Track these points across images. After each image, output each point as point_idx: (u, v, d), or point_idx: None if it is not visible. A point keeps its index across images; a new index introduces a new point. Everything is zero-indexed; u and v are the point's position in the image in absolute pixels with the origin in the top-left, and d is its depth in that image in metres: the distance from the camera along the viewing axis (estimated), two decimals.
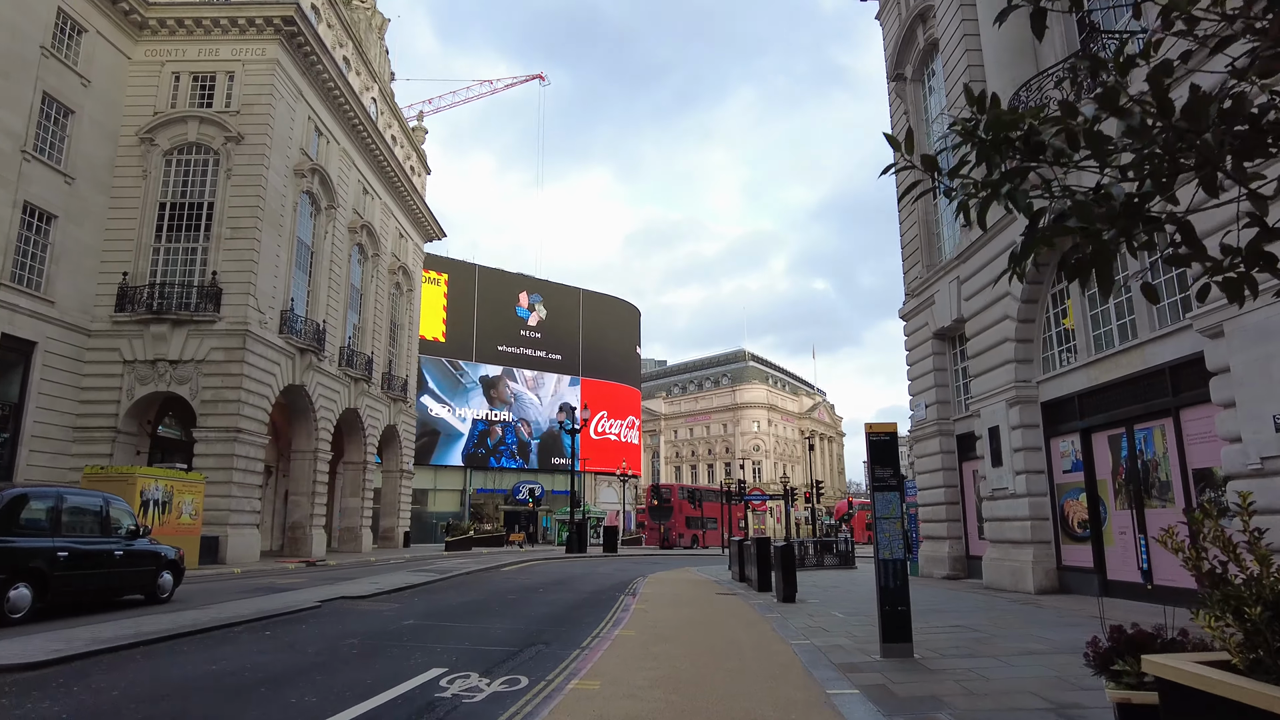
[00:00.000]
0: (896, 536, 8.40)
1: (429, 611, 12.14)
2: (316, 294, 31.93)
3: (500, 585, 17.58)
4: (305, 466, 31.87)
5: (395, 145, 42.93)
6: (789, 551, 14.46)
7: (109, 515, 12.51)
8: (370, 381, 37.11)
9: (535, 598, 14.80)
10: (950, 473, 20.25)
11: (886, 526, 8.41)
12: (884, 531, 8.40)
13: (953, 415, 20.45)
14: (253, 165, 27.20)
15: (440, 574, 19.56)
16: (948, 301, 19.73)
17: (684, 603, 13.96)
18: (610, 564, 28.13)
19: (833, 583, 18.91)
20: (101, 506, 12.50)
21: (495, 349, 64.44)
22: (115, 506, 12.85)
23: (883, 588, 8.28)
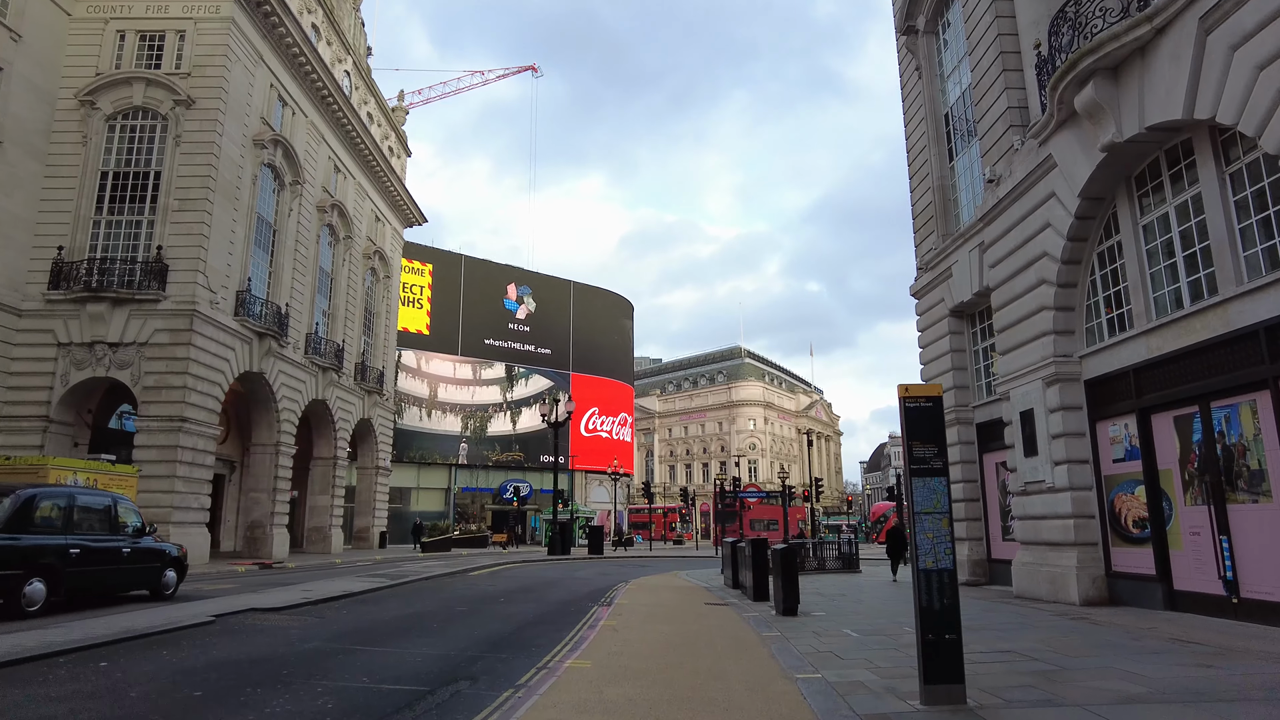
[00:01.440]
0: (944, 538, 6.19)
1: (347, 630, 9.89)
2: (279, 275, 29.64)
3: (457, 593, 15.34)
4: (266, 461, 29.59)
5: (372, 124, 40.66)
6: (790, 556, 12.25)
7: (117, 514, 12.88)
8: (341, 372, 34.82)
9: (489, 610, 12.54)
10: (969, 466, 18.06)
11: (929, 524, 6.20)
12: (926, 530, 6.19)
13: (972, 401, 18.27)
14: (204, 132, 24.91)
15: (394, 579, 17.32)
16: (967, 272, 17.54)
17: (664, 617, 11.73)
18: (593, 567, 25.89)
19: (837, 589, 16.70)
20: (109, 505, 12.83)
21: (482, 342, 62.13)
22: (123, 505, 13.28)
23: (925, 608, 6.06)
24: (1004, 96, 14.90)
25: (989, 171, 15.29)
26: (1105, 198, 12.26)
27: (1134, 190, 11.75)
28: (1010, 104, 14.80)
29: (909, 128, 21.71)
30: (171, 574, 13.92)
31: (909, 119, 21.71)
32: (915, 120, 21.05)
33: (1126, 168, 11.67)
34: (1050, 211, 13.14)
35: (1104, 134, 11.13)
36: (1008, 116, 14.85)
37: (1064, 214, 12.74)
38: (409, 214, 45.17)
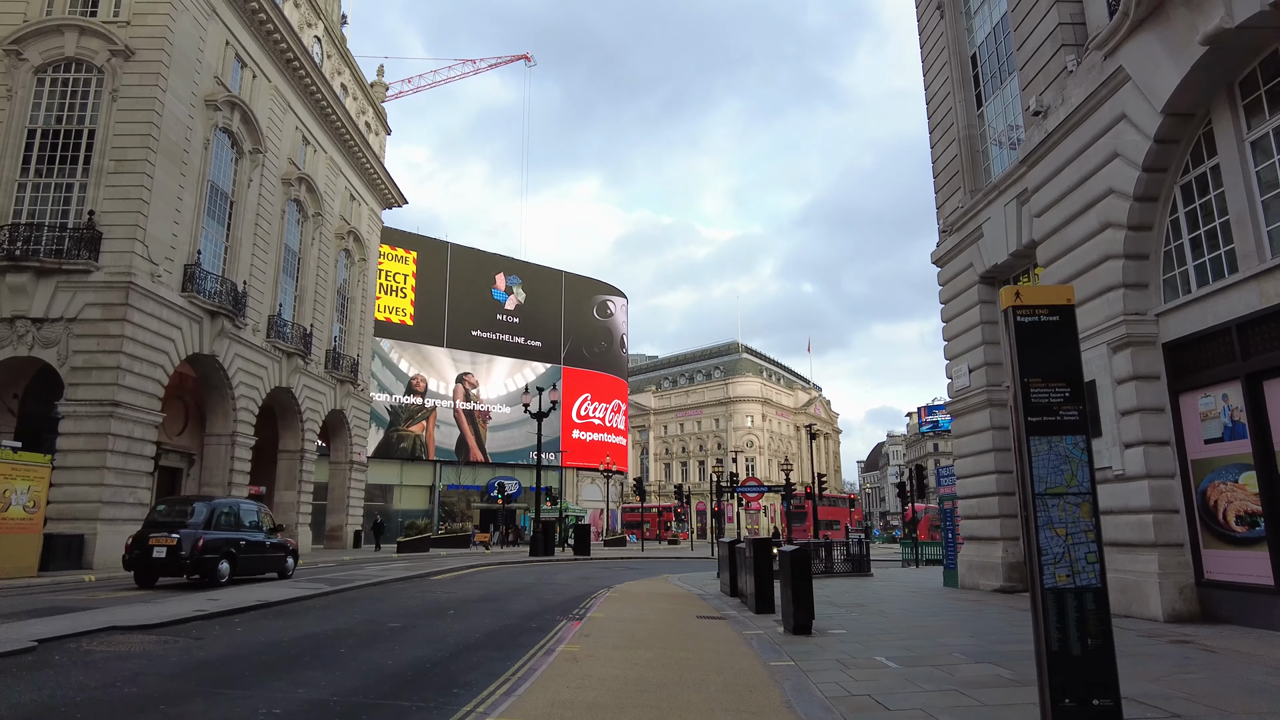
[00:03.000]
0: (1083, 536, 3.83)
1: (216, 659, 7.46)
2: (236, 250, 27.16)
3: (400, 603, 12.90)
4: (220, 453, 27.13)
5: (347, 97, 38.17)
6: (803, 560, 9.84)
7: (260, 518, 17.61)
8: (308, 358, 32.33)
9: (428, 627, 10.11)
10: (1005, 454, 15.65)
11: (1061, 512, 3.84)
12: (1054, 523, 3.82)
13: (1006, 379, 15.86)
14: (145, 86, 22.43)
15: (335, 585, 14.87)
16: (1002, 230, 15.16)
17: (644, 638, 9.30)
18: (575, 570, 23.46)
19: (852, 597, 14.30)
20: (258, 511, 17.74)
21: (469, 334, 59.63)
22: (263, 511, 17.97)
23: (1057, 652, 3.69)
24: (1054, 11, 12.51)
25: (1034, 103, 12.88)
26: (1195, 113, 9.86)
27: (1239, 98, 9.35)
28: (1061, 19, 12.41)
29: (928, 77, 19.31)
30: (291, 561, 18.50)
31: (928, 67, 19.32)
32: (936, 67, 18.65)
33: (1229, 70, 9.27)
34: (1119, 138, 10.74)
35: (1206, 21, 8.74)
36: (1059, 35, 12.46)
37: (1138, 138, 10.34)
38: (388, 194, 42.68)
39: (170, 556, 14.67)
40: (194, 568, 14.85)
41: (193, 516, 15.34)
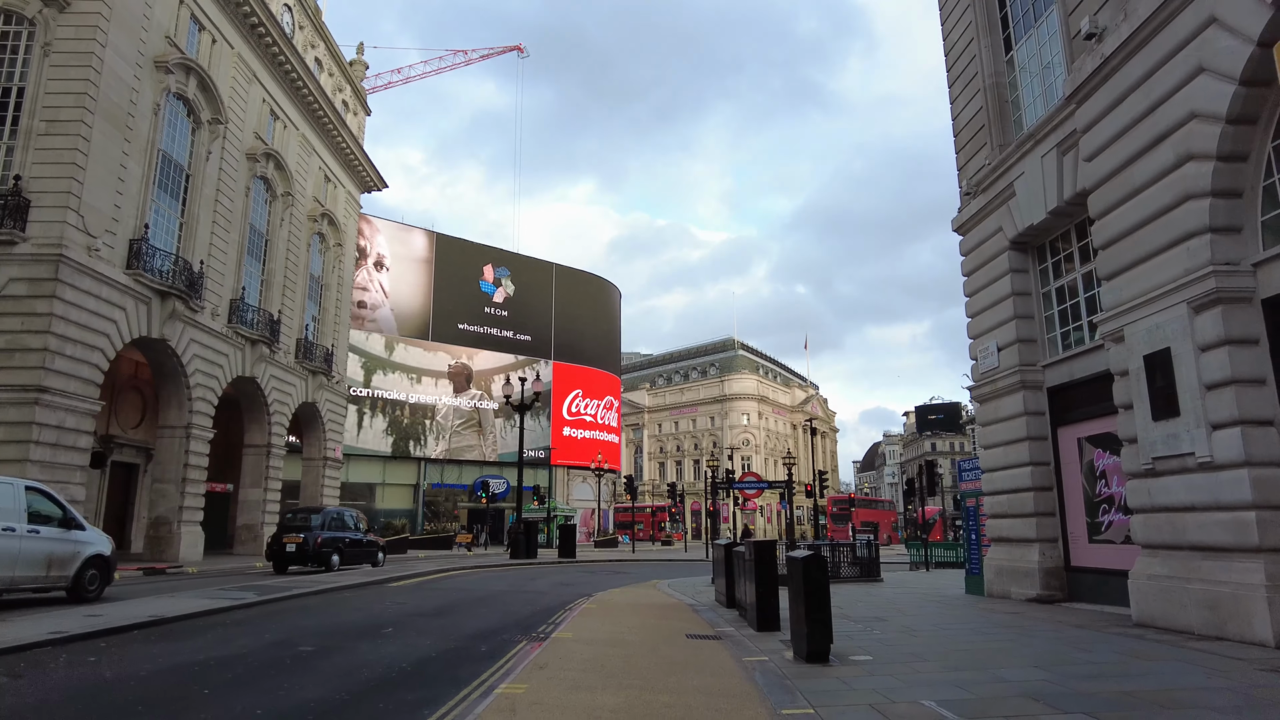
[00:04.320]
0: None
1: (9, 713, 5.38)
2: (193, 228, 25.05)
3: (333, 618, 10.84)
4: (174, 447, 25.01)
5: (321, 72, 36.05)
6: (819, 569, 7.82)
7: (358, 523, 23.63)
8: (276, 346, 30.20)
9: (348, 652, 8.07)
10: (1040, 444, 13.68)
11: None
12: None
13: (1042, 359, 13.89)
14: (82, 41, 20.32)
15: (266, 594, 12.80)
16: (1039, 185, 13.16)
17: (617, 667, 7.28)
18: (556, 575, 21.39)
19: (869, 608, 12.29)
20: (356, 518, 23.92)
21: (455, 327, 57.47)
22: (360, 518, 24.10)
23: None
24: None
25: (1087, 24, 10.88)
26: None
27: None
28: None
29: (947, 26, 17.32)
30: (381, 555, 23.52)
31: (946, 15, 17.32)
32: (957, 13, 16.64)
33: None
34: (1206, 48, 8.74)
35: None
36: None
37: (1234, 44, 8.35)
38: (366, 177, 40.54)
39: (298, 550, 20.32)
40: (314, 558, 20.40)
41: (312, 522, 21.21)
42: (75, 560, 12.40)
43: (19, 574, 11.44)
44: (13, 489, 11.92)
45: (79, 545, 12.56)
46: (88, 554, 12.65)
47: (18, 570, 11.39)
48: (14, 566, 11.29)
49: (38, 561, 11.74)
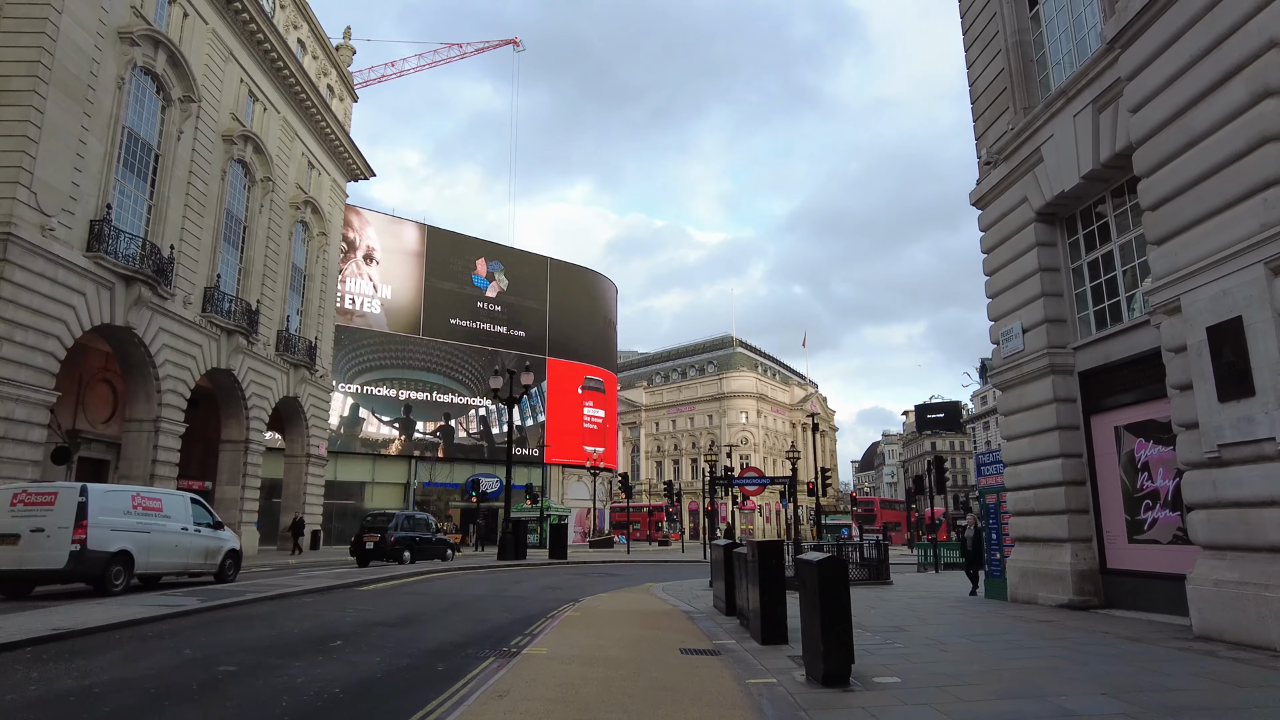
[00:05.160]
0: None
1: None
2: (162, 210, 23.72)
3: (278, 629, 9.54)
4: (142, 441, 23.69)
5: (305, 54, 34.74)
6: (834, 572, 6.53)
7: (431, 523, 28.87)
8: (254, 337, 28.86)
9: (279, 674, 6.81)
10: (1071, 434, 12.40)
11: None
12: None
13: (1073, 340, 12.62)
14: (35, 6, 19.00)
15: (211, 600, 11.48)
16: (1072, 147, 11.90)
17: (592, 698, 6.01)
18: (543, 578, 20.08)
19: (884, 615, 11.00)
20: (429, 519, 29.31)
21: (447, 322, 56.10)
22: (433, 521, 29.74)
23: None
24: None
25: None
26: None
27: None
28: None
29: None
30: (451, 551, 27.89)
31: None
32: None
33: None
34: None
35: None
36: None
37: None
38: (352, 165, 39.21)
39: (375, 547, 23.79)
40: (390, 554, 23.91)
41: (389, 524, 24.82)
42: (220, 552, 16.56)
43: (191, 561, 15.74)
44: (183, 499, 16.25)
45: (222, 541, 16.71)
46: (228, 548, 16.83)
47: (190, 558, 15.71)
48: (189, 555, 15.63)
49: (200, 553, 15.98)
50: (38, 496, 13.32)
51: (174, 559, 15.25)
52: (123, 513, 14.07)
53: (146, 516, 14.62)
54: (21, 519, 12.97)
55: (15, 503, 13.21)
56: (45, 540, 12.75)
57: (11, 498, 13.30)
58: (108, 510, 13.65)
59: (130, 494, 14.95)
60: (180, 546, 15.28)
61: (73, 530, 12.80)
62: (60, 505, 13.07)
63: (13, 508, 13.14)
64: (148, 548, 14.35)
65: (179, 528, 15.33)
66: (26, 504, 13.16)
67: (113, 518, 13.68)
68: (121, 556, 13.65)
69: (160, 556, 14.83)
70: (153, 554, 14.54)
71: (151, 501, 15.13)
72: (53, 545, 12.75)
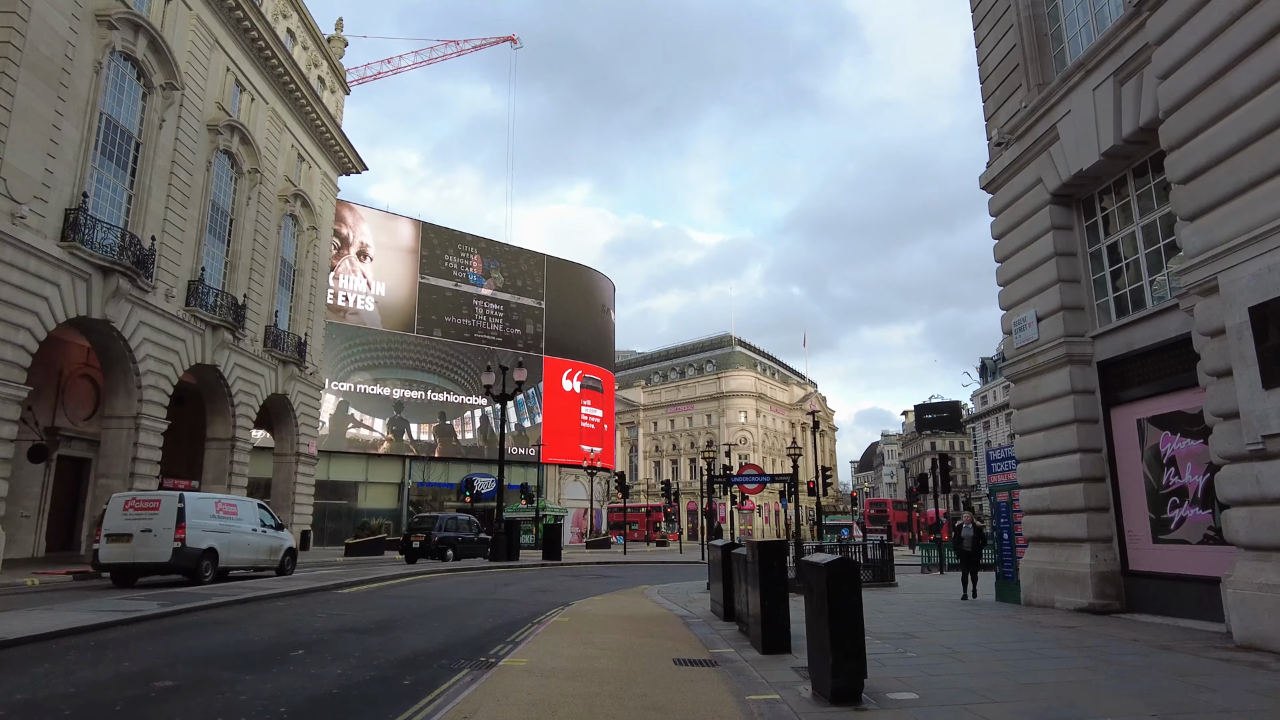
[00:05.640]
0: None
1: None
2: (142, 200, 22.98)
3: (240, 636, 8.83)
4: (121, 439, 22.94)
5: (295, 44, 34.02)
6: (845, 576, 5.83)
7: (472, 522, 30.51)
8: (240, 332, 28.11)
9: (225, 688, 6.17)
10: (1090, 427, 11.71)
11: None
12: None
13: (1091, 329, 11.93)
14: None
15: (173, 605, 10.74)
16: (1091, 122, 11.20)
17: (573, 718, 5.24)
18: (534, 580, 19.36)
19: (892, 620, 10.29)
20: (470, 520, 30.72)
21: (442, 320, 55.38)
22: (475, 522, 30.82)
23: None
24: None
25: None
26: None
27: None
28: None
29: None
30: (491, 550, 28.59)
31: None
32: None
33: None
34: None
35: None
36: None
37: None
38: (344, 158, 38.45)
39: (421, 546, 26.52)
40: (434, 553, 26.40)
41: (434, 525, 27.69)
42: (280, 550, 18.97)
43: (259, 557, 18.14)
44: (251, 505, 18.93)
45: (282, 540, 19.21)
46: (287, 546, 19.25)
47: (259, 555, 18.13)
48: (257, 552, 18.08)
49: (266, 550, 18.39)
50: (145, 502, 15.78)
51: (246, 555, 17.64)
52: (209, 516, 16.44)
53: (226, 519, 17.04)
54: (132, 521, 15.30)
55: (127, 508, 15.56)
56: (152, 539, 15.12)
57: (124, 504, 15.67)
58: (199, 514, 16.01)
59: (214, 500, 17.57)
60: (251, 545, 17.77)
61: (174, 531, 15.15)
62: (164, 510, 15.45)
63: (125, 512, 15.47)
64: (228, 545, 16.73)
65: (250, 529, 17.88)
66: (136, 509, 15.55)
67: (202, 520, 15.99)
68: (209, 553, 16.08)
69: (236, 553, 17.12)
70: (231, 551, 16.85)
71: (229, 507, 17.71)
72: (158, 543, 15.12)
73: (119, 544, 15.21)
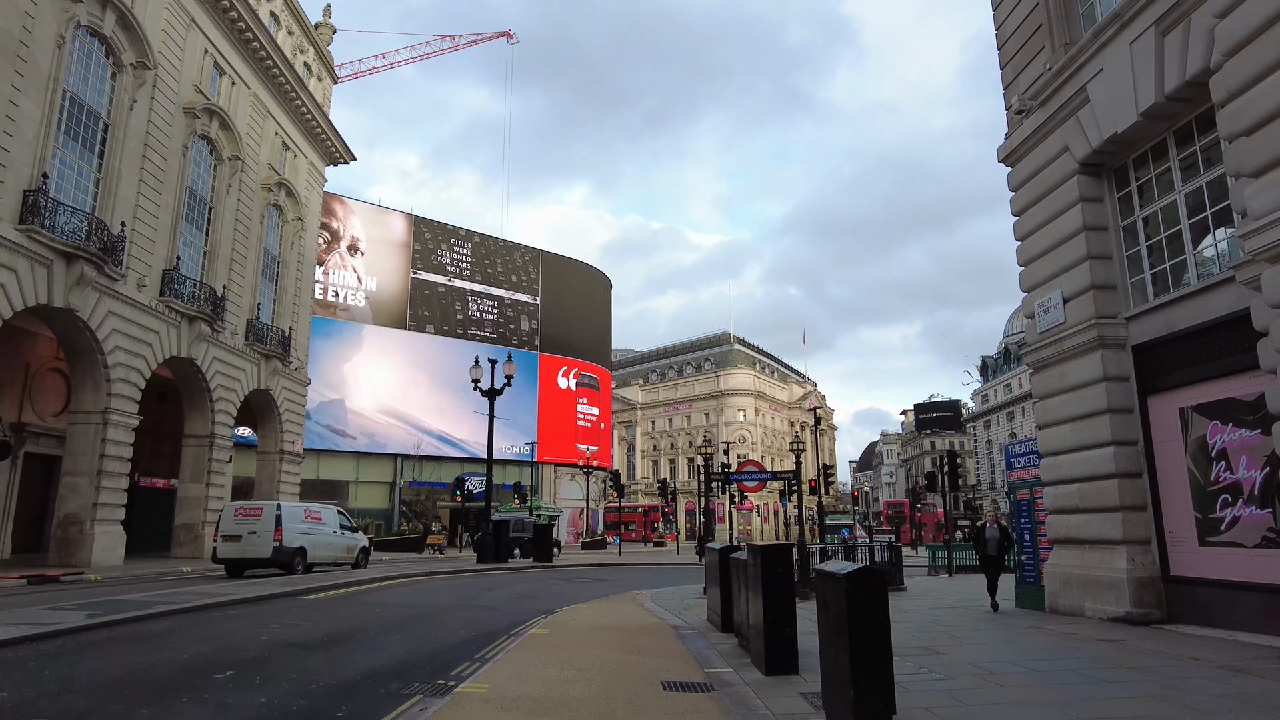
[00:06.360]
0: None
1: None
2: (111, 183, 21.87)
3: (150, 655, 7.73)
4: (88, 435, 21.81)
5: (279, 29, 32.88)
6: (869, 590, 4.72)
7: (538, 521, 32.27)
8: (219, 325, 26.99)
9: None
10: (1125, 417, 10.63)
11: None
12: None
13: (1125, 309, 10.85)
14: None
15: (104, 616, 9.64)
16: (1128, 79, 10.11)
17: None
18: (521, 583, 18.25)
19: (909, 632, 9.19)
20: (535, 519, 33.70)
21: (435, 316, 54.25)
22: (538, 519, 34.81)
23: None
24: None
25: None
26: None
27: None
28: None
29: None
30: (556, 549, 32.98)
31: None
32: None
33: None
34: None
35: None
36: None
37: None
38: (331, 149, 37.31)
39: (496, 542, 26.68)
40: (504, 549, 27.27)
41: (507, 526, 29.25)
42: (355, 548, 22.15)
43: (339, 555, 21.17)
44: (332, 511, 22.43)
45: (357, 540, 22.54)
46: (361, 545, 22.57)
47: (338, 553, 21.15)
48: (337, 550, 21.11)
49: (344, 548, 21.57)
50: (250, 510, 19.12)
51: (329, 552, 20.79)
52: (300, 521, 19.74)
53: (312, 524, 20.34)
54: (241, 524, 18.53)
55: (237, 514, 18.95)
56: (257, 539, 18.33)
57: (235, 511, 19.20)
58: (292, 519, 19.32)
59: (303, 508, 21.25)
60: (332, 544, 21.06)
61: (273, 533, 18.35)
62: (265, 515, 18.71)
63: (236, 518, 18.81)
64: (315, 544, 19.97)
65: (331, 531, 21.15)
66: (243, 515, 18.86)
67: (295, 524, 19.19)
68: (300, 550, 19.24)
69: (321, 551, 20.30)
70: (317, 549, 20.07)
71: (315, 513, 21.23)
72: (262, 542, 18.30)
73: (231, 543, 18.33)
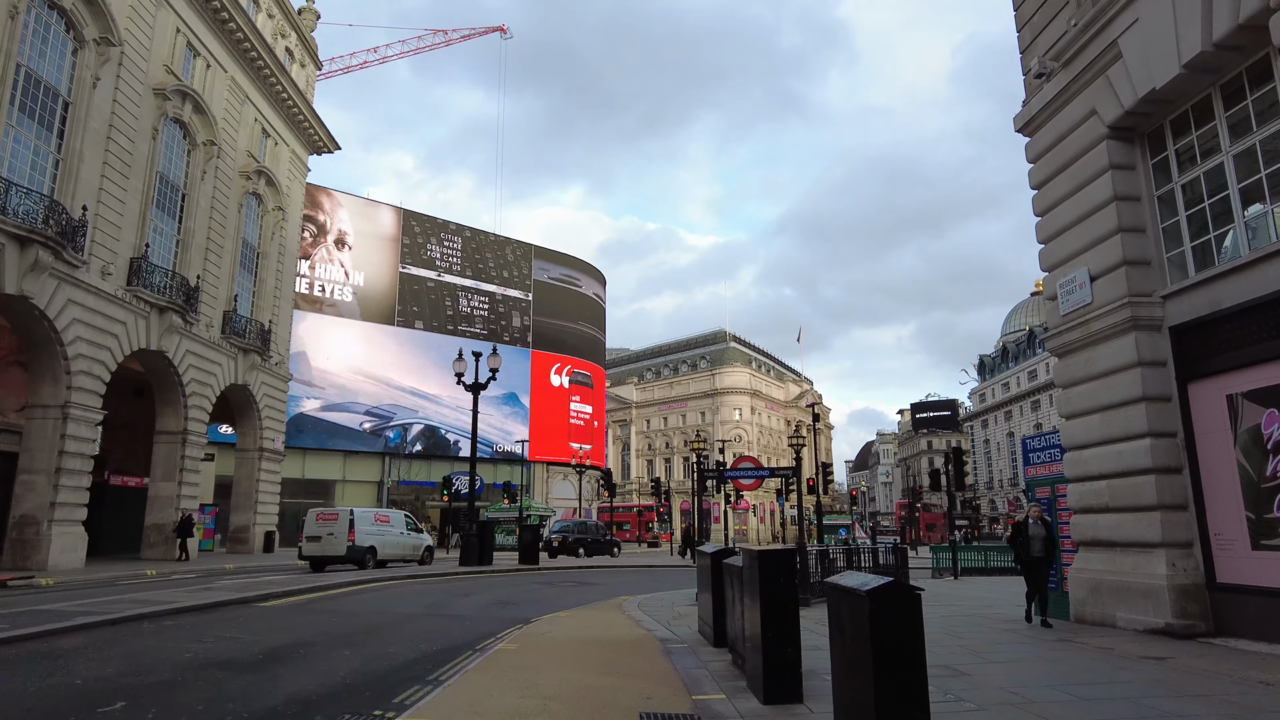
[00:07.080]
0: None
1: None
2: (72, 165, 20.73)
3: (41, 681, 6.61)
4: (47, 430, 20.67)
5: (259, 12, 31.72)
6: (898, 613, 3.64)
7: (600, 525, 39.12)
8: (191, 316, 25.82)
9: None
10: (1162, 406, 9.57)
11: None
12: None
13: (1161, 287, 9.80)
14: None
15: (14, 631, 8.53)
16: (1172, 24, 9.06)
17: None
18: (501, 588, 17.13)
19: (927, 649, 8.06)
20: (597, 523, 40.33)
21: (424, 311, 53.06)
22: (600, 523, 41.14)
23: None
24: None
25: None
26: None
27: None
28: None
29: None
30: (618, 550, 36.59)
31: None
32: None
33: None
34: None
35: None
36: None
37: None
38: (314, 137, 36.13)
39: (560, 545, 32.94)
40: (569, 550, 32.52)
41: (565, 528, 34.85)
42: (420, 548, 24.47)
43: (405, 553, 23.71)
44: (399, 515, 25.23)
45: (422, 540, 24.85)
46: (425, 544, 24.78)
47: (405, 551, 23.73)
48: (403, 549, 23.66)
49: (410, 548, 24.07)
50: (328, 515, 22.09)
51: (397, 551, 23.28)
52: (370, 523, 22.38)
53: (382, 526, 23.01)
54: (321, 528, 21.32)
55: (318, 519, 21.66)
56: (334, 540, 21.05)
57: (316, 516, 21.93)
58: (363, 521, 22.00)
59: (373, 512, 24.27)
60: (400, 544, 23.56)
61: (347, 534, 21.01)
62: (340, 519, 21.52)
63: (317, 522, 21.55)
64: (383, 544, 22.44)
65: (398, 532, 23.71)
66: (323, 519, 21.67)
67: (366, 526, 21.87)
68: (371, 549, 21.70)
69: (390, 550, 22.81)
70: (386, 548, 22.54)
71: (384, 517, 24.11)
72: (338, 542, 21.04)
73: (314, 543, 21.15)
